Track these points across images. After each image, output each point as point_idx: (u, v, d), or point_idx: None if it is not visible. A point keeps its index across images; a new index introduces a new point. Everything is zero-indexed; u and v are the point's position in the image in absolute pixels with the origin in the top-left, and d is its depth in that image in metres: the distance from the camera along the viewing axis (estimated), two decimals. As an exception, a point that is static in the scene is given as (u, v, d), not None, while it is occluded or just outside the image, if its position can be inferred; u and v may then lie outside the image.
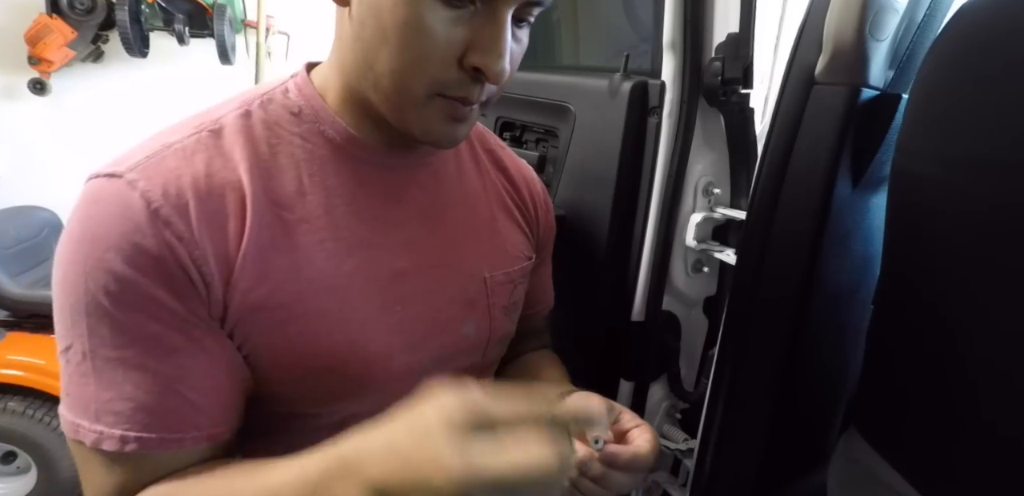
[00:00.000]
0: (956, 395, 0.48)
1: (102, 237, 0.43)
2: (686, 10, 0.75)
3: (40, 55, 2.40)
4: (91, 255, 0.43)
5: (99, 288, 0.43)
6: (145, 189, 0.44)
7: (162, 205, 0.44)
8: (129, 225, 0.43)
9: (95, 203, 0.44)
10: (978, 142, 0.44)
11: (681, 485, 0.97)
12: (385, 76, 0.46)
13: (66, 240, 0.45)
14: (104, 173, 0.45)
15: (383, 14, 0.43)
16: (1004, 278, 0.43)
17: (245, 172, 0.47)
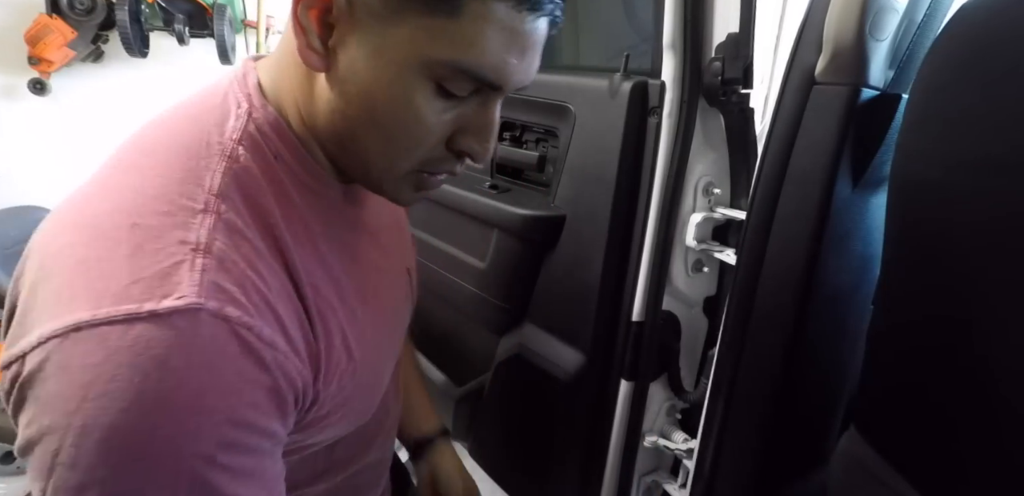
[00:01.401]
0: (956, 395, 0.48)
1: (224, 397, 0.35)
2: (686, 10, 0.75)
3: (40, 55, 2.40)
4: (213, 421, 0.35)
5: (219, 451, 0.36)
6: (246, 324, 0.36)
7: (271, 343, 0.38)
8: (255, 372, 0.37)
9: (193, 355, 0.34)
10: (978, 142, 0.44)
11: (681, 485, 0.97)
12: (369, 153, 0.45)
13: (149, 410, 0.33)
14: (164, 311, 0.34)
15: (375, 96, 0.42)
16: (1004, 278, 0.43)
17: (277, 243, 0.42)
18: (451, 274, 1.15)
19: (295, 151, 0.46)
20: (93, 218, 0.38)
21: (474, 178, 1.10)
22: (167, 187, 0.39)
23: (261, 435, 0.38)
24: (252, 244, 0.40)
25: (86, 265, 0.36)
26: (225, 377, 0.36)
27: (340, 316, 0.46)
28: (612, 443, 0.96)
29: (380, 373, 0.54)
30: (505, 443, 1.18)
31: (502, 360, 1.06)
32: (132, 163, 0.42)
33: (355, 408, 0.51)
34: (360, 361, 0.48)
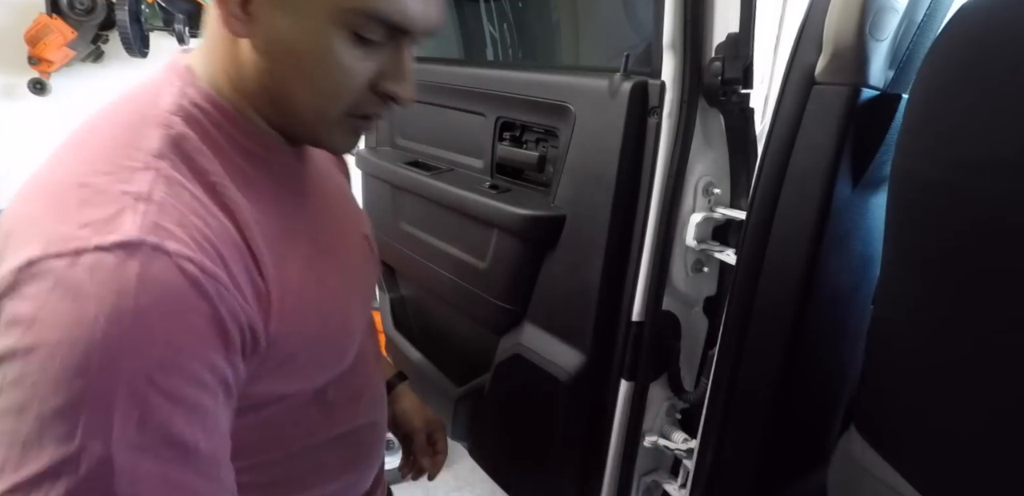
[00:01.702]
0: (956, 395, 0.48)
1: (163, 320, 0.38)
2: (686, 10, 0.75)
3: (40, 55, 2.40)
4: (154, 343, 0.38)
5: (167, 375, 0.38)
6: (185, 255, 0.39)
7: (211, 275, 0.41)
8: (195, 301, 0.40)
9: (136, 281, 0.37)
10: (978, 141, 0.44)
11: (681, 485, 0.97)
12: (301, 105, 0.49)
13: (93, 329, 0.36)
14: (110, 244, 0.38)
15: (298, 51, 0.46)
16: (1004, 278, 0.43)
17: (220, 198, 0.46)
18: (451, 274, 1.15)
19: (234, 120, 0.50)
20: (46, 185, 0.43)
21: (474, 178, 1.10)
22: (108, 153, 0.44)
23: (201, 364, 0.40)
24: (193, 194, 0.44)
25: (40, 220, 0.40)
26: (166, 302, 0.38)
27: (294, 264, 0.49)
28: (612, 443, 0.96)
29: (348, 319, 0.57)
30: (505, 443, 1.18)
31: (502, 360, 1.06)
32: (78, 141, 0.47)
33: (326, 352, 0.54)
34: (322, 305, 0.52)
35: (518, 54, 1.37)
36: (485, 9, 1.35)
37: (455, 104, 1.15)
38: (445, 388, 1.26)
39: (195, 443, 0.40)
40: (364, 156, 1.34)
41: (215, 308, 0.41)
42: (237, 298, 0.43)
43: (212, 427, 0.41)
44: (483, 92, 1.06)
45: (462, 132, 1.15)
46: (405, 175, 1.19)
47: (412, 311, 1.44)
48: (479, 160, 1.11)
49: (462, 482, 2.34)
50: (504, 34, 1.36)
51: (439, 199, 1.11)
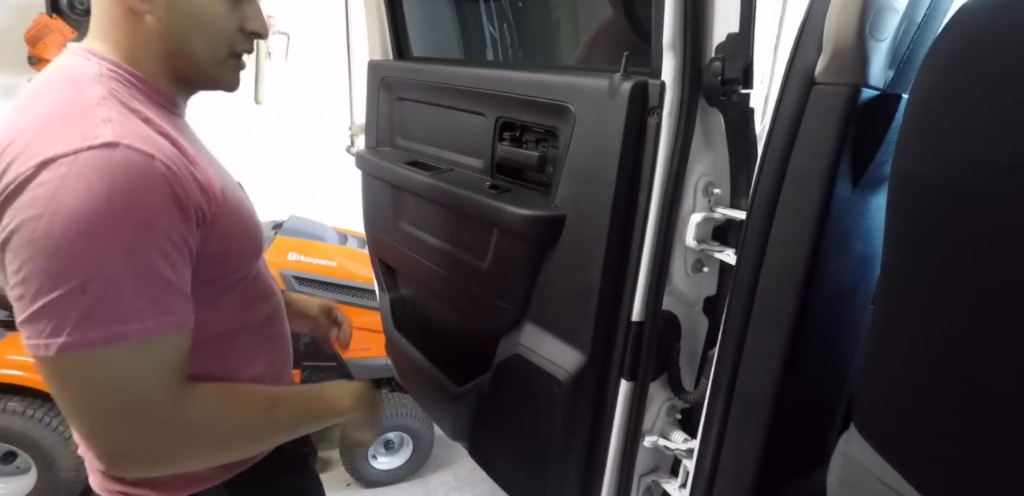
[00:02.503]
0: (956, 395, 0.48)
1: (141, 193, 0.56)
2: (686, 10, 0.75)
3: (40, 55, 2.40)
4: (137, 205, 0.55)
5: (145, 229, 0.56)
6: (149, 152, 0.57)
7: (169, 166, 0.58)
8: (160, 182, 0.57)
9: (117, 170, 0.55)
10: (978, 141, 0.44)
11: (681, 485, 0.97)
12: (198, 51, 0.69)
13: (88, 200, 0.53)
14: (99, 144, 0.55)
15: (193, 12, 0.67)
16: (1004, 278, 0.43)
17: (153, 126, 0.63)
18: (451, 274, 1.15)
19: (142, 80, 0.68)
20: (26, 124, 0.59)
21: (474, 178, 1.10)
22: (66, 100, 0.61)
23: (168, 224, 0.58)
24: (138, 118, 0.62)
25: (38, 139, 0.56)
26: (142, 181, 0.56)
27: (212, 174, 0.66)
28: (612, 443, 0.96)
29: (255, 222, 0.76)
30: (505, 443, 1.18)
31: (502, 360, 1.06)
32: (28, 102, 0.64)
33: (246, 241, 0.73)
34: (238, 204, 0.71)
35: (518, 54, 1.37)
36: (485, 9, 1.35)
37: (455, 104, 1.15)
38: (445, 388, 1.26)
39: (168, 277, 0.59)
40: (364, 156, 1.34)
41: (174, 188, 0.58)
42: (186, 184, 0.60)
43: (179, 271, 0.60)
44: (483, 92, 1.06)
45: (462, 132, 1.15)
46: (405, 175, 1.19)
47: (412, 311, 1.44)
48: (479, 160, 1.11)
49: (462, 482, 2.34)
50: (504, 34, 1.36)
51: (439, 199, 1.11)
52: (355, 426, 0.85)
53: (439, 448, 2.40)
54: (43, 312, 0.54)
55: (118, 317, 0.55)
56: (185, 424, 0.62)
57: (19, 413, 1.84)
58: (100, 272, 0.54)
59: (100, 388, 0.57)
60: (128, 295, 0.56)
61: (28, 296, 0.54)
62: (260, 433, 0.72)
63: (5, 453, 1.94)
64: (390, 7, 1.33)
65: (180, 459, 0.66)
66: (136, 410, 0.59)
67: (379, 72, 1.36)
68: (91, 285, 0.54)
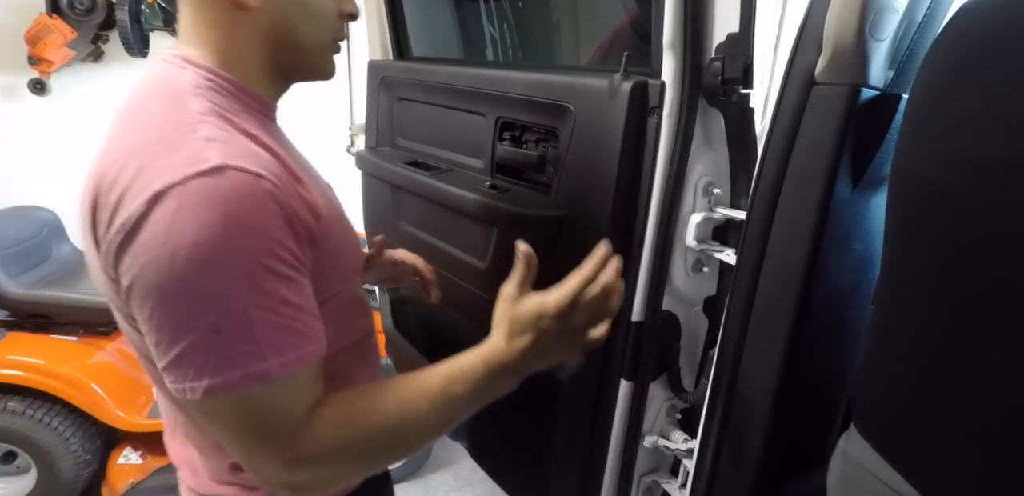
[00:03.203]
0: (956, 395, 0.48)
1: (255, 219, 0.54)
2: (686, 10, 0.75)
3: (40, 55, 2.40)
4: (254, 233, 0.54)
5: (265, 257, 0.54)
6: (257, 172, 0.55)
7: (278, 185, 0.56)
8: (270, 205, 0.55)
9: (228, 195, 0.53)
10: (978, 141, 0.44)
11: (681, 485, 0.97)
12: (308, 39, 0.67)
13: (205, 234, 0.51)
14: (208, 169, 0.52)
15: (305, 2, 0.65)
16: (1004, 278, 0.43)
17: (256, 140, 0.60)
18: (451, 274, 1.15)
19: (240, 88, 0.65)
20: (130, 147, 0.57)
21: (474, 178, 1.10)
22: (166, 118, 0.58)
23: (287, 251, 0.56)
24: (240, 135, 0.59)
25: (145, 168, 0.54)
26: (254, 206, 0.54)
27: (311, 188, 0.64)
28: (612, 443, 0.96)
29: (355, 239, 0.74)
30: (505, 443, 1.18)
31: (502, 360, 1.06)
32: (128, 118, 0.61)
33: (348, 258, 0.71)
34: (340, 222, 0.69)
35: (518, 54, 1.37)
36: (485, 9, 1.35)
37: (455, 104, 1.15)
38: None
39: (296, 302, 0.57)
40: (364, 156, 1.34)
41: (284, 208, 0.56)
42: (295, 203, 0.58)
43: (305, 293, 0.58)
44: (483, 92, 1.06)
45: (462, 132, 1.15)
46: (405, 175, 1.19)
47: (412, 311, 1.44)
48: (479, 160, 1.11)
49: (462, 482, 2.34)
50: (504, 34, 1.36)
51: (439, 199, 1.11)
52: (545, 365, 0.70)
53: (439, 448, 2.40)
54: (183, 358, 0.53)
55: (257, 355, 0.54)
56: (318, 456, 0.59)
57: (19, 413, 1.84)
58: (229, 309, 0.53)
59: (242, 425, 0.57)
60: (261, 329, 0.54)
61: (164, 342, 0.54)
62: (405, 442, 0.66)
63: (5, 453, 1.94)
64: (390, 7, 1.33)
65: (330, 485, 0.64)
66: (274, 444, 0.58)
67: (379, 72, 1.36)
68: (223, 324, 0.53)
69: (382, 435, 0.62)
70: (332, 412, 0.60)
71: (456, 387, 0.65)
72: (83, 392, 1.88)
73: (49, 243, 2.21)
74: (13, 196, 2.41)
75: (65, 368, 1.89)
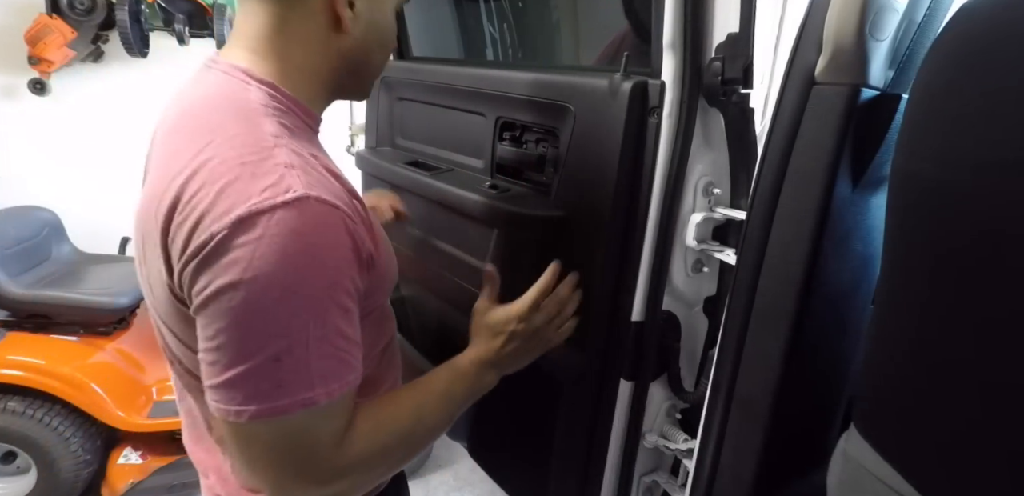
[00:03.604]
0: (956, 395, 0.48)
1: (334, 252, 0.57)
2: (686, 10, 0.75)
3: (40, 55, 2.40)
4: (330, 266, 0.56)
5: (335, 290, 0.57)
6: (335, 203, 0.57)
7: (350, 215, 0.58)
8: (346, 237, 0.58)
9: (311, 227, 0.55)
10: (978, 142, 0.44)
11: (681, 485, 0.97)
12: (376, 65, 0.73)
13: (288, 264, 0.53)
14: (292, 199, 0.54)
15: (384, 29, 0.70)
16: (1004, 278, 0.43)
17: (320, 162, 0.62)
18: (451, 274, 1.15)
19: (300, 106, 0.66)
20: (210, 170, 0.56)
21: (474, 178, 1.10)
22: (243, 140, 0.58)
23: (351, 282, 0.59)
24: (311, 161, 0.60)
25: (229, 193, 0.54)
26: (330, 238, 0.56)
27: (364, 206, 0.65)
28: (612, 443, 0.96)
29: (390, 247, 0.75)
30: (505, 443, 1.18)
31: (502, 360, 1.06)
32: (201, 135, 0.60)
33: (390, 274, 0.72)
34: (380, 230, 0.70)
35: (518, 54, 1.37)
36: (485, 9, 1.35)
37: (455, 104, 1.15)
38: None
39: (348, 333, 0.59)
40: (364, 156, 1.34)
41: (354, 239, 0.58)
42: (361, 231, 0.60)
43: (355, 323, 0.61)
44: (483, 92, 1.06)
45: (462, 132, 1.15)
46: (405, 175, 1.19)
47: (412, 311, 1.44)
48: (479, 160, 1.11)
49: (462, 482, 2.34)
50: (504, 34, 1.36)
51: (439, 199, 1.11)
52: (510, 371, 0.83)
53: (439, 448, 2.40)
54: (237, 381, 0.55)
55: (306, 383, 0.56)
56: (353, 466, 0.63)
57: (19, 413, 1.85)
58: (293, 340, 0.55)
59: (282, 449, 0.59)
60: (315, 359, 0.56)
61: (222, 363, 0.55)
62: (419, 442, 0.73)
63: (5, 453, 1.94)
64: (390, 7, 1.33)
65: (372, 481, 0.71)
66: (311, 466, 0.60)
67: (379, 72, 1.36)
68: (284, 354, 0.55)
69: (404, 438, 0.68)
70: (363, 423, 0.64)
71: (456, 386, 0.76)
72: (83, 392, 1.89)
73: (49, 243, 2.21)
74: (13, 196, 2.41)
75: (65, 368, 1.89)
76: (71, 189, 2.62)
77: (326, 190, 0.57)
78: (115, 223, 2.18)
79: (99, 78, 2.68)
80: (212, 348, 0.56)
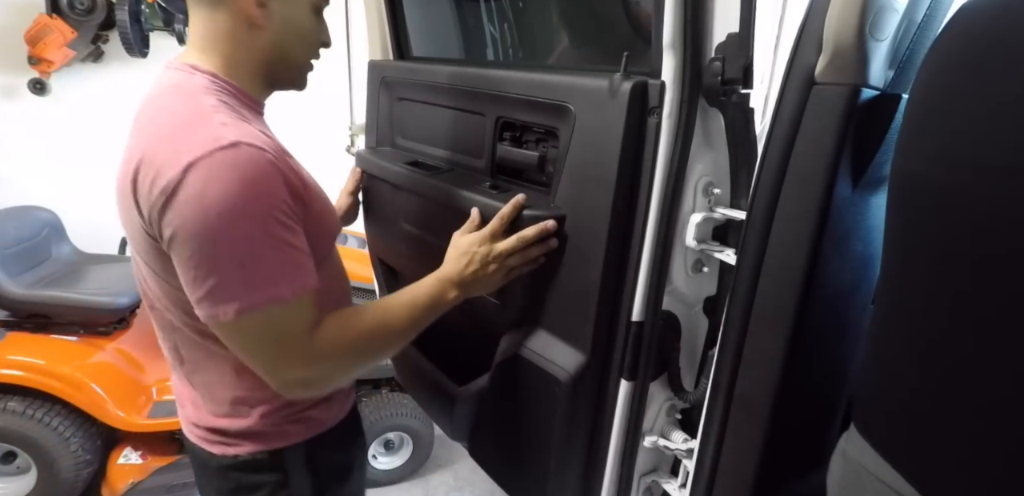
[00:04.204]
0: (956, 394, 0.48)
1: (263, 181, 0.70)
2: (686, 10, 0.75)
3: (40, 55, 2.40)
4: (263, 192, 0.70)
5: (273, 210, 0.71)
6: (262, 147, 0.71)
7: (276, 157, 0.73)
8: (274, 171, 0.71)
9: (244, 164, 0.69)
10: (978, 142, 0.44)
11: (681, 485, 0.97)
12: (297, 58, 0.86)
13: (229, 193, 0.67)
14: (226, 144, 0.69)
15: (298, 26, 0.83)
16: (1004, 278, 0.43)
17: (256, 126, 0.77)
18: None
19: (238, 89, 0.83)
20: (158, 135, 0.73)
21: (474, 178, 1.10)
22: (186, 109, 0.75)
23: (288, 206, 0.73)
24: (247, 122, 0.76)
25: (177, 147, 0.69)
26: (263, 172, 0.70)
27: (295, 161, 0.81)
28: (612, 443, 0.96)
29: (329, 203, 0.89)
30: (505, 443, 1.18)
31: (502, 360, 1.06)
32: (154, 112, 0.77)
33: (329, 223, 0.88)
34: (314, 184, 0.84)
35: (518, 54, 1.37)
36: (485, 9, 1.35)
37: (455, 104, 1.15)
38: (445, 388, 1.26)
39: (297, 244, 0.74)
40: (364, 156, 1.34)
41: (283, 175, 0.73)
42: (288, 172, 0.74)
43: (301, 239, 0.75)
44: (483, 92, 1.06)
45: (462, 132, 1.15)
46: (405, 175, 1.19)
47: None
48: (479, 160, 1.11)
49: (462, 482, 2.34)
50: (504, 34, 1.36)
51: (439, 199, 1.11)
52: (473, 293, 0.94)
53: (439, 448, 2.40)
54: (215, 288, 0.70)
55: (272, 283, 0.71)
56: (327, 353, 0.78)
57: (19, 413, 1.85)
58: (250, 250, 0.70)
59: (265, 340, 0.74)
60: (274, 264, 0.72)
61: (200, 278, 0.70)
62: (386, 342, 0.86)
63: (5, 453, 1.94)
64: (390, 7, 1.33)
65: (333, 379, 0.84)
66: (290, 352, 0.75)
67: (379, 72, 1.36)
68: (247, 261, 0.70)
69: (371, 334, 0.83)
70: (332, 322, 0.79)
71: (419, 298, 0.88)
72: (83, 392, 1.89)
73: (49, 243, 2.21)
74: (13, 196, 2.41)
75: (65, 368, 1.89)
76: (71, 189, 2.62)
77: (256, 139, 0.71)
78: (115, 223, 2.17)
79: (99, 78, 2.68)
80: (189, 268, 0.70)
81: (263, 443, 0.89)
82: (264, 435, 0.88)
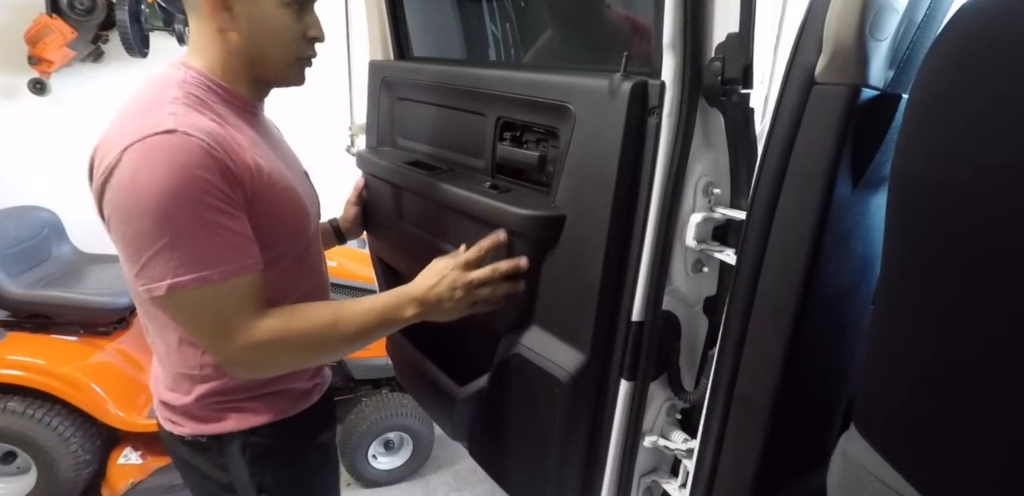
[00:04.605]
0: (956, 394, 0.48)
1: (193, 166, 0.73)
2: (686, 10, 0.75)
3: (40, 55, 2.40)
4: (192, 176, 0.72)
5: (202, 194, 0.73)
6: (200, 137, 0.74)
7: (214, 147, 0.75)
8: (207, 158, 0.74)
9: (174, 148, 0.72)
10: (978, 142, 0.44)
11: (681, 485, 0.97)
12: (273, 57, 0.86)
13: (157, 175, 0.71)
14: (161, 131, 0.73)
15: (271, 27, 0.84)
16: (1004, 276, 0.43)
17: (218, 121, 0.80)
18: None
19: (221, 86, 0.86)
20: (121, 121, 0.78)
21: (474, 178, 1.10)
22: (149, 100, 0.80)
23: (220, 191, 0.75)
24: (202, 115, 0.79)
25: (124, 131, 0.74)
26: (193, 157, 0.73)
27: (263, 158, 0.83)
28: (612, 443, 0.96)
29: (302, 205, 0.92)
30: (505, 443, 1.18)
31: (502, 360, 1.06)
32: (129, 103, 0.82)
33: (289, 220, 0.90)
34: (283, 184, 0.87)
35: (519, 54, 1.37)
36: (486, 9, 1.35)
37: (456, 104, 1.15)
38: (445, 388, 1.26)
39: (233, 227, 0.77)
40: (364, 156, 1.34)
41: (219, 164, 0.75)
42: (228, 162, 0.76)
43: (241, 224, 0.79)
44: (483, 92, 1.06)
45: (462, 132, 1.15)
46: (405, 175, 1.19)
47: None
48: (479, 160, 1.11)
49: (462, 482, 2.34)
50: (505, 34, 1.36)
51: (439, 199, 1.11)
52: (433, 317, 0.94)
53: (439, 448, 2.40)
54: (147, 265, 0.74)
55: (202, 265, 0.74)
56: (264, 340, 0.80)
57: (19, 413, 1.85)
58: (180, 230, 0.73)
59: (200, 317, 0.78)
60: (205, 246, 0.75)
61: (135, 255, 0.75)
62: (330, 343, 0.87)
63: (5, 453, 1.94)
64: (390, 7, 1.33)
65: (272, 366, 0.87)
66: (226, 332, 0.78)
67: (380, 72, 1.36)
68: (176, 241, 0.73)
69: (315, 332, 0.84)
70: (280, 311, 0.82)
71: (376, 307, 0.89)
72: (83, 392, 1.89)
73: (49, 243, 2.21)
74: (13, 196, 2.41)
75: (65, 368, 1.89)
76: (71, 189, 2.61)
77: (197, 130, 0.74)
78: (115, 223, 2.17)
79: (99, 78, 2.68)
80: (125, 245, 0.75)
81: (202, 425, 0.93)
82: (202, 419, 0.93)
